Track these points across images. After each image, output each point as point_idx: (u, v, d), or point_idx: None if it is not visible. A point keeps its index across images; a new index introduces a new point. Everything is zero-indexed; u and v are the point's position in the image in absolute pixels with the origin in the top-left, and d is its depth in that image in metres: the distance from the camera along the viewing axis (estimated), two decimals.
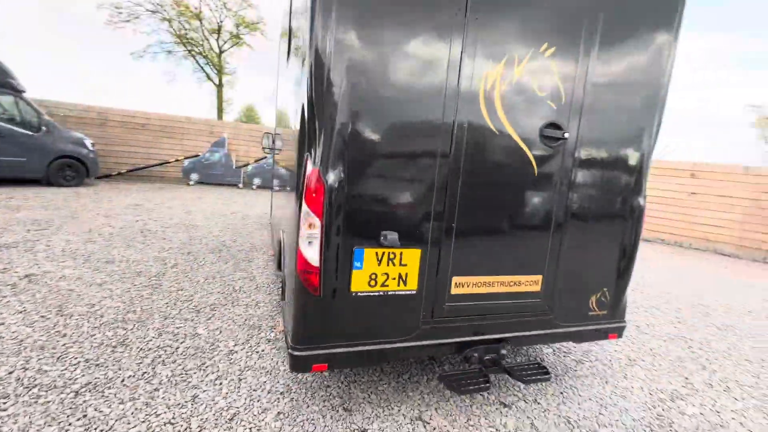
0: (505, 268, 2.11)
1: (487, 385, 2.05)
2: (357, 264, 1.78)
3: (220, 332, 2.81)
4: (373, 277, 1.82)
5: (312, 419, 2.00)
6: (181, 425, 1.87)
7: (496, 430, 2.06)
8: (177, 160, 11.30)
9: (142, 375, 2.23)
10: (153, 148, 11.24)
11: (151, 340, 2.60)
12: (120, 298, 3.21)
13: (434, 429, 2.02)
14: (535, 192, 2.09)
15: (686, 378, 2.81)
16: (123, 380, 2.16)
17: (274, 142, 6.03)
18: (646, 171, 2.33)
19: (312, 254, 1.71)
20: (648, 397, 2.51)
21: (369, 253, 1.79)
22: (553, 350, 3.05)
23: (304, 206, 1.70)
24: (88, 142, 8.76)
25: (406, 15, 1.68)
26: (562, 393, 2.46)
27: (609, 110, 2.16)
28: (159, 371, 2.28)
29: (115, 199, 7.70)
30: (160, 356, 2.43)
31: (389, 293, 1.87)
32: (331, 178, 1.68)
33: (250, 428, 1.90)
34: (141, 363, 2.34)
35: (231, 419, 1.95)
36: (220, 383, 2.22)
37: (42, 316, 2.78)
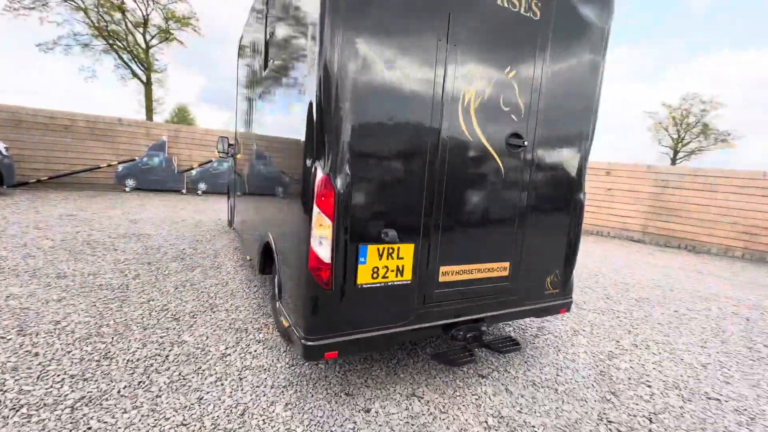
0: (481, 257, 2.45)
1: (473, 357, 2.38)
2: (362, 259, 1.99)
3: (207, 338, 2.82)
4: (375, 270, 2.05)
5: (319, 406, 2.16)
6: (195, 425, 1.93)
7: (478, 397, 2.39)
8: (110, 165, 10.37)
9: (139, 384, 2.21)
10: (78, 152, 10.20)
11: (136, 351, 2.55)
12: (87, 312, 3.04)
13: (428, 402, 2.29)
14: (502, 191, 2.46)
15: (617, 341, 3.42)
16: (119, 391, 2.14)
17: (231, 146, 5.92)
18: (585, 171, 2.84)
19: (324, 252, 1.89)
20: (591, 359, 3.03)
21: (371, 249, 2.02)
22: (513, 328, 3.50)
23: (316, 208, 1.87)
24: (1, 145, 7.75)
25: (402, 41, 1.93)
26: (526, 362, 2.88)
27: (556, 120, 2.60)
28: (155, 379, 2.27)
29: (41, 209, 6.93)
30: (151, 365, 2.41)
31: (389, 284, 2.10)
32: (339, 183, 1.88)
33: (263, 419, 2.02)
34: (133, 373, 2.31)
35: (242, 414, 2.04)
36: (222, 384, 2.29)
37: (1, 338, 2.57)
